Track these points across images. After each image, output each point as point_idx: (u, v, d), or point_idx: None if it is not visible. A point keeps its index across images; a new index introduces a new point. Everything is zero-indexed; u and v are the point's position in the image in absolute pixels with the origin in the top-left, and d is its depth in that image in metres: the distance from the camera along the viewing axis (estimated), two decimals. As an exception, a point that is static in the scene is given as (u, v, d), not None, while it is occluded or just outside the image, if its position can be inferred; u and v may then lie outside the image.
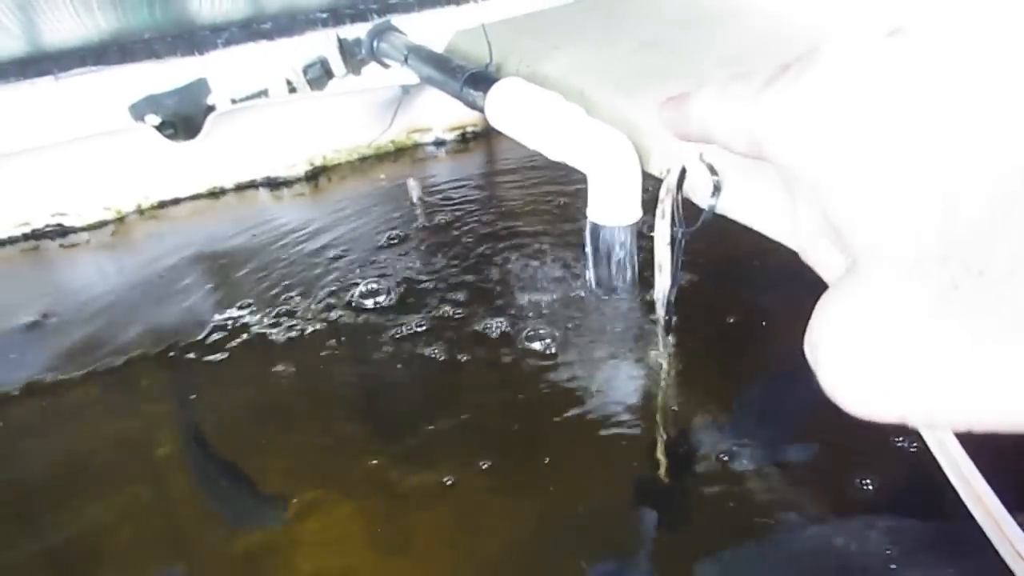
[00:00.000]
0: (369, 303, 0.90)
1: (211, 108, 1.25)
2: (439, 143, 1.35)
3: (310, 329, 0.86)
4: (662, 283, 0.80)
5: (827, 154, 0.19)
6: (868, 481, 0.61)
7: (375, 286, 0.92)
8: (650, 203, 0.70)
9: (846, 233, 0.19)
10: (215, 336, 0.87)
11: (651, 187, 0.71)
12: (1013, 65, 0.17)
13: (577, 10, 1.17)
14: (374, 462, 0.68)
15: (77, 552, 0.63)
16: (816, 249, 0.23)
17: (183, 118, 1.24)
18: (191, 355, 0.84)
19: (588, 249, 0.79)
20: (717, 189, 0.60)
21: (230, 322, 0.89)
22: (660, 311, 0.81)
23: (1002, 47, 0.18)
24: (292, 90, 1.32)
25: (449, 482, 0.65)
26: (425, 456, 0.69)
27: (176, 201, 1.22)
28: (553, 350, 0.80)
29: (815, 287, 0.25)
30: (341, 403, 0.77)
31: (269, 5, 1.17)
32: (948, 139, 0.17)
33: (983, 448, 0.32)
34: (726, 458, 0.65)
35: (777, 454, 0.65)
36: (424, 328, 0.84)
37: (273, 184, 1.26)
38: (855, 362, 0.18)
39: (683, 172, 0.64)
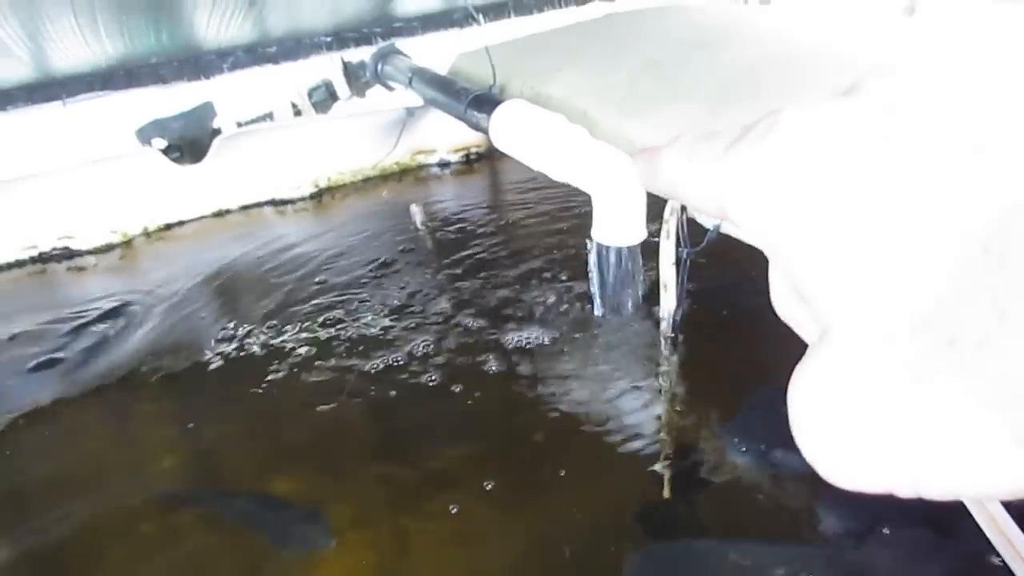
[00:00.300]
0: (369, 325, 0.90)
1: (217, 131, 1.26)
2: (443, 164, 1.36)
3: (313, 350, 0.86)
4: (667, 302, 0.80)
5: (786, 222, 0.19)
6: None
7: (378, 308, 0.93)
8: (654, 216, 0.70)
9: (812, 303, 0.19)
10: (218, 357, 0.87)
11: (655, 207, 0.71)
12: (970, 124, 0.18)
13: (579, 32, 1.18)
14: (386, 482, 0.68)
15: None
16: (790, 310, 0.23)
17: (189, 141, 1.25)
18: (194, 375, 0.84)
19: (593, 269, 0.79)
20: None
21: (232, 343, 0.89)
22: (666, 329, 0.82)
23: (959, 105, 0.18)
24: (297, 113, 1.33)
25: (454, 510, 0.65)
26: (436, 472, 0.69)
27: (182, 223, 1.23)
28: (559, 366, 0.80)
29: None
30: (351, 423, 0.77)
31: (274, 30, 1.18)
32: (906, 206, 0.17)
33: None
34: (732, 474, 0.65)
35: (784, 471, 0.65)
36: (428, 348, 0.84)
37: (278, 205, 1.27)
38: (832, 436, 0.18)
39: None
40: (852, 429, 0.17)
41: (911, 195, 0.17)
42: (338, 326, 0.90)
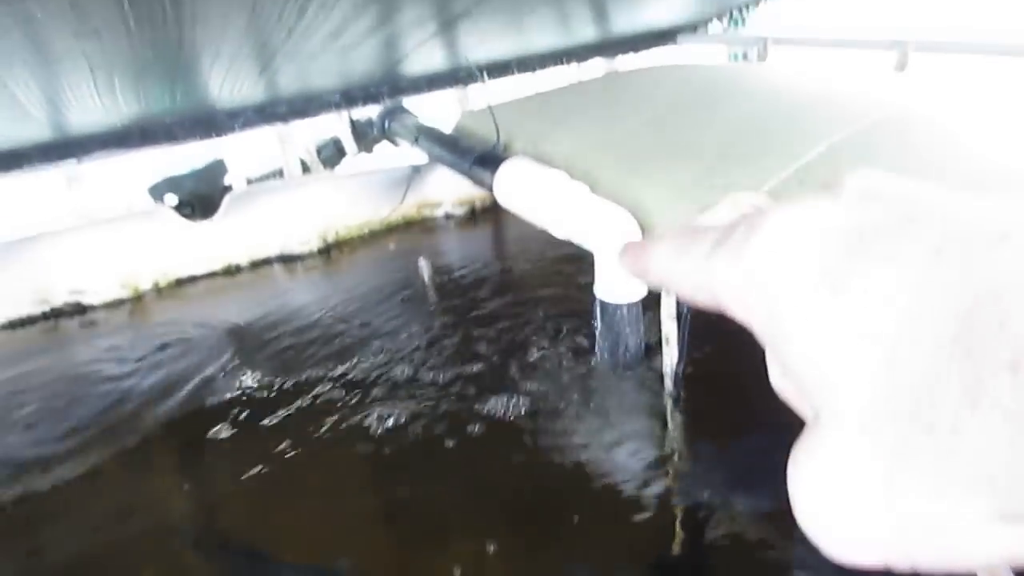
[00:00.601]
0: (377, 380, 0.91)
1: (228, 188, 1.29)
2: (449, 217, 1.38)
3: (323, 404, 0.87)
4: (670, 356, 0.81)
5: (773, 316, 0.21)
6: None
7: (384, 364, 0.94)
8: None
9: (801, 388, 0.20)
10: (226, 412, 0.88)
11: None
12: (935, 221, 0.19)
13: (580, 91, 1.21)
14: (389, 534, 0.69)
15: None
16: (785, 389, 0.25)
17: (201, 198, 1.28)
18: (202, 431, 0.85)
19: (596, 325, 0.80)
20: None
21: (242, 398, 0.90)
22: (668, 383, 0.83)
23: (926, 202, 0.20)
24: (306, 169, 1.36)
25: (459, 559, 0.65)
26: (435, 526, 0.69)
27: (193, 279, 1.25)
28: (561, 420, 0.80)
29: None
30: (359, 475, 0.78)
31: (285, 90, 1.22)
32: (881, 299, 0.18)
33: None
34: (736, 531, 0.65)
35: (789, 524, 0.65)
36: (430, 402, 0.85)
37: (287, 260, 1.29)
38: (829, 516, 0.19)
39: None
40: (846, 510, 0.18)
41: (886, 288, 0.18)
42: (345, 382, 0.91)
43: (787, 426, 0.21)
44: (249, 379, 0.94)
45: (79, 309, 1.18)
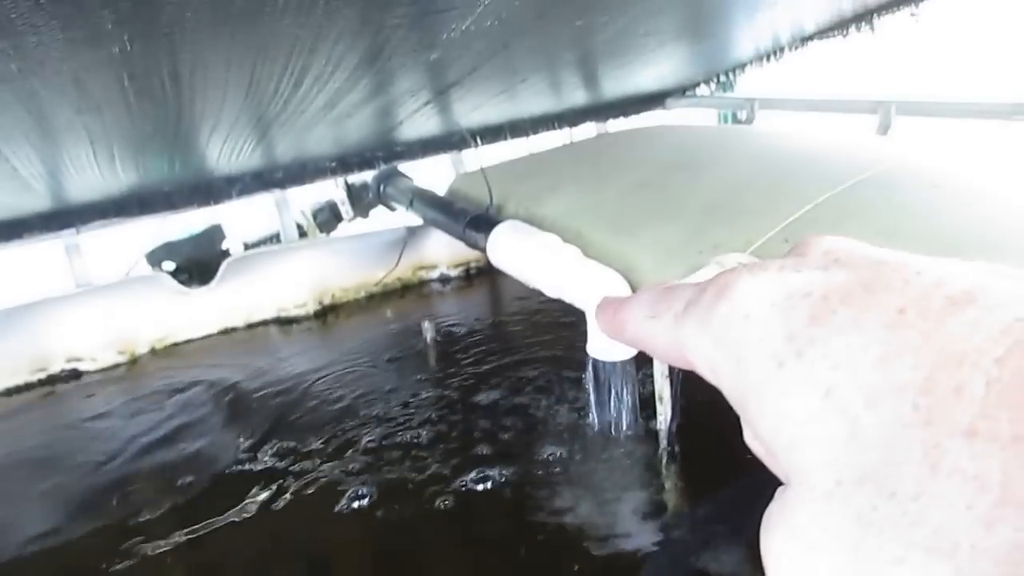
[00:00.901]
0: (371, 446, 0.91)
1: (225, 253, 1.30)
2: (444, 280, 1.39)
3: (324, 477, 0.87)
4: (663, 415, 0.81)
5: (740, 380, 0.21)
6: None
7: (383, 427, 0.94)
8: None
9: (770, 452, 0.21)
10: (220, 483, 0.87)
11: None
12: (896, 287, 0.20)
13: (572, 153, 1.24)
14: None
15: None
16: (757, 449, 0.25)
17: (198, 264, 1.29)
18: (195, 500, 0.84)
19: (589, 383, 0.81)
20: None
21: (237, 469, 0.90)
22: (663, 441, 0.82)
23: (887, 267, 0.20)
24: (302, 233, 1.38)
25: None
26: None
27: (189, 342, 1.25)
28: (555, 481, 0.80)
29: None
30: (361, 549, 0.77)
31: (282, 157, 1.24)
32: (842, 367, 0.19)
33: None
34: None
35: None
36: (423, 469, 0.85)
37: (283, 323, 1.30)
38: None
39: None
40: (816, 573, 0.18)
41: (848, 355, 0.19)
42: (340, 446, 0.91)
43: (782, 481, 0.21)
44: (240, 442, 0.94)
45: (75, 375, 1.18)
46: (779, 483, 0.21)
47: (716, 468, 0.80)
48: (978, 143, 1.16)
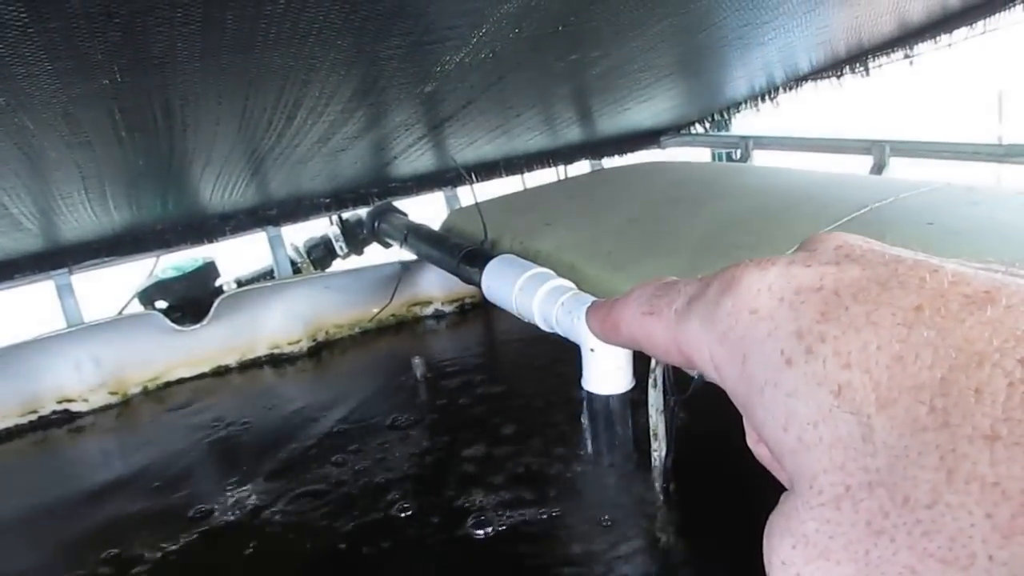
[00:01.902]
0: (367, 487, 0.89)
1: (218, 290, 1.29)
2: (439, 316, 1.38)
3: (306, 510, 0.85)
4: (658, 449, 0.80)
5: (745, 378, 0.20)
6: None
7: (378, 469, 0.92)
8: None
9: (776, 455, 0.19)
10: (205, 526, 0.85)
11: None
12: (911, 284, 0.18)
13: (566, 189, 1.24)
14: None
15: None
16: (761, 453, 0.24)
17: (191, 302, 1.28)
18: (185, 540, 0.83)
19: (584, 417, 0.79)
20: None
21: (227, 508, 0.88)
22: (657, 476, 0.81)
23: (900, 265, 0.19)
24: (297, 270, 1.37)
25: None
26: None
27: (181, 381, 1.24)
28: (549, 517, 0.78)
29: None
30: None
31: (275, 192, 1.24)
32: (856, 363, 0.18)
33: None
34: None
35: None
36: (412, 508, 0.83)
37: (276, 361, 1.28)
38: None
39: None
40: None
41: (862, 353, 0.17)
42: (329, 484, 0.89)
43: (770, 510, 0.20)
44: (229, 485, 0.92)
45: (68, 417, 1.16)
46: (783, 489, 0.20)
47: (713, 501, 0.79)
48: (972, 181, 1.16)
